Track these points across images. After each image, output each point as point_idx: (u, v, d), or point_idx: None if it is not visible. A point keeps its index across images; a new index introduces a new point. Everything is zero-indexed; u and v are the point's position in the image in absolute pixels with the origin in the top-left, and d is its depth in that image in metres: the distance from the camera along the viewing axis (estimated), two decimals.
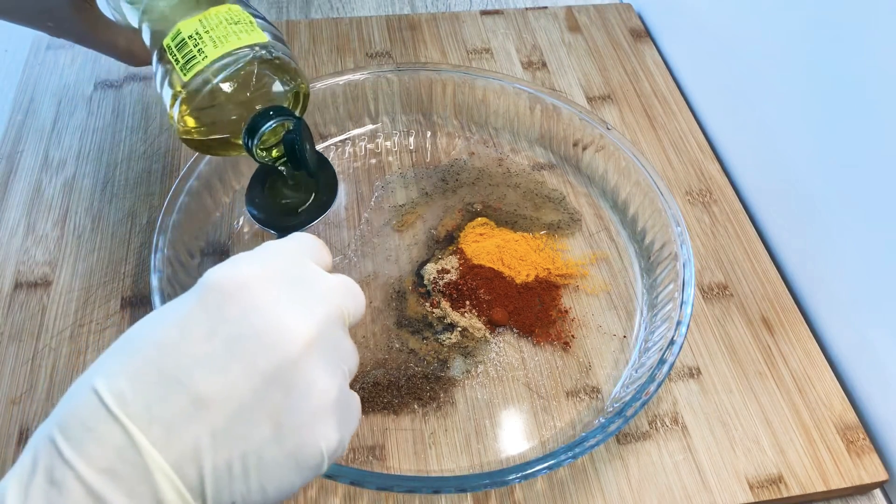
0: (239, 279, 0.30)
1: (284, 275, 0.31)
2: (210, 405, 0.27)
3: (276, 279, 0.31)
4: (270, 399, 0.28)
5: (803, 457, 0.47)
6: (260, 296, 0.29)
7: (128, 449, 0.25)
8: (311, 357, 0.29)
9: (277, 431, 0.28)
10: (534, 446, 0.46)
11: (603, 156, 0.59)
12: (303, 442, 0.29)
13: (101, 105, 0.64)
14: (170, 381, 0.27)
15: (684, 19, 0.71)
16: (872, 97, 0.47)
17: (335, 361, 0.31)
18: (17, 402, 0.47)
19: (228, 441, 0.27)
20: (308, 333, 0.29)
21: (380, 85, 0.62)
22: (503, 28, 0.74)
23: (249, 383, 0.28)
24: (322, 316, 0.31)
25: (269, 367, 0.28)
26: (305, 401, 0.29)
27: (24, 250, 0.54)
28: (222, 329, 0.28)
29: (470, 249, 0.55)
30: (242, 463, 0.27)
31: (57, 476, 0.25)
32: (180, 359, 0.27)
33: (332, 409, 0.30)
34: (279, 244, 0.34)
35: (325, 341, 0.30)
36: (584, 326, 0.52)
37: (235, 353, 0.28)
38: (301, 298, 0.31)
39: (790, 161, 0.56)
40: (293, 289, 0.31)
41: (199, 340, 0.28)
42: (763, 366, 0.51)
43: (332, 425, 0.30)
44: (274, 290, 0.30)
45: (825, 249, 0.53)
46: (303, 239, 0.35)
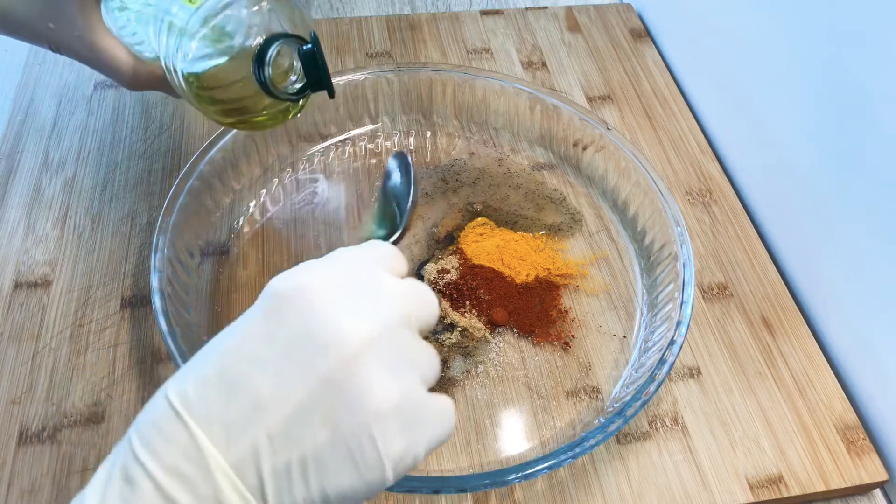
0: (300, 284, 0.30)
1: (348, 279, 0.31)
2: (267, 407, 0.27)
3: (338, 283, 0.30)
4: (326, 401, 0.28)
5: (803, 457, 0.47)
6: (319, 299, 0.29)
7: (191, 448, 0.26)
8: (368, 359, 0.29)
9: (333, 434, 0.28)
10: (534, 446, 0.46)
11: (603, 156, 0.59)
12: (359, 446, 0.28)
13: (101, 105, 0.64)
14: (230, 384, 0.28)
15: (684, 19, 0.71)
16: (872, 97, 0.47)
17: (399, 365, 0.30)
18: (17, 402, 0.47)
19: (286, 443, 0.27)
20: (365, 336, 0.29)
21: (380, 85, 0.62)
22: (503, 28, 0.74)
23: (304, 385, 0.28)
24: (382, 318, 0.30)
25: (324, 369, 0.28)
26: (361, 403, 0.28)
27: (24, 250, 0.54)
28: (280, 333, 0.29)
29: (470, 249, 0.55)
30: (301, 465, 0.27)
31: (130, 473, 0.26)
32: (240, 362, 0.28)
33: (393, 413, 0.29)
34: (350, 251, 0.34)
35: (386, 343, 0.30)
36: (584, 326, 0.52)
37: (291, 355, 0.28)
38: (362, 301, 0.30)
39: (790, 161, 0.56)
40: (356, 293, 0.31)
41: (258, 345, 0.29)
42: (763, 366, 0.51)
43: (393, 430, 0.29)
44: (334, 293, 0.30)
45: (825, 249, 0.53)
46: (376, 246, 0.35)
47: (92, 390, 0.47)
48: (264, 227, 0.56)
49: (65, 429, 0.46)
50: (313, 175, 0.60)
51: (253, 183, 0.59)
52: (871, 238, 0.49)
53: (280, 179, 0.59)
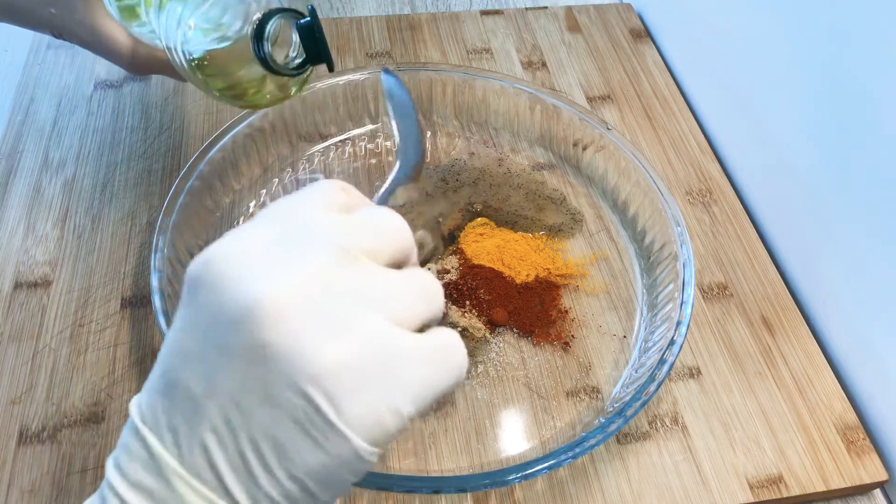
0: (209, 258, 0.26)
1: (268, 234, 0.27)
2: (203, 402, 0.25)
3: (253, 243, 0.26)
4: (255, 380, 0.25)
5: (803, 457, 0.47)
6: (227, 269, 0.25)
7: (150, 460, 0.25)
8: (288, 317, 0.24)
9: (274, 411, 0.25)
10: (534, 446, 0.46)
11: (603, 156, 0.59)
12: (306, 416, 0.25)
13: (101, 105, 0.64)
14: (169, 387, 0.26)
15: (684, 19, 0.71)
16: (872, 97, 0.47)
17: (344, 310, 0.25)
18: (17, 402, 0.47)
19: (231, 434, 0.25)
20: (280, 291, 0.25)
21: (380, 85, 0.62)
22: (503, 28, 0.74)
23: (230, 369, 0.25)
24: (306, 263, 0.26)
25: (240, 345, 0.25)
26: (290, 369, 0.24)
27: (24, 250, 0.54)
28: (198, 319, 0.26)
29: (470, 249, 0.55)
30: (256, 453, 0.25)
31: (104, 495, 0.26)
32: (173, 361, 0.26)
33: (337, 369, 0.25)
34: (279, 201, 0.29)
35: (315, 291, 0.25)
36: (584, 326, 0.52)
37: (210, 340, 0.25)
38: (282, 253, 0.26)
39: (790, 161, 0.56)
40: (274, 246, 0.26)
41: (183, 338, 0.26)
42: (763, 366, 0.51)
43: (342, 389, 0.25)
44: (245, 256, 0.26)
45: (825, 249, 0.53)
46: (312, 187, 0.30)
47: (92, 390, 0.47)
48: None
49: (65, 429, 0.46)
50: (313, 175, 0.60)
51: (253, 183, 0.59)
52: (871, 238, 0.49)
53: (280, 179, 0.59)
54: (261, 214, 0.28)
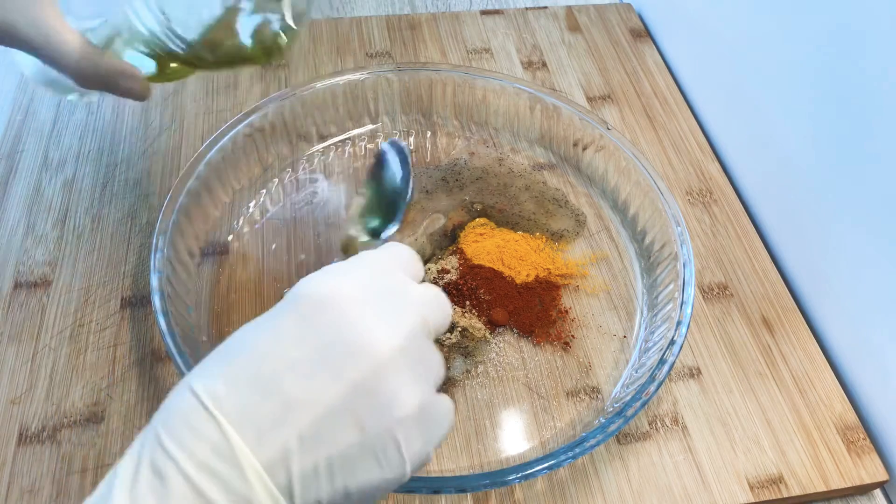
0: (331, 290, 0.31)
1: (374, 285, 0.32)
2: (299, 409, 0.28)
3: (365, 289, 0.32)
4: (355, 405, 0.29)
5: (803, 457, 0.47)
6: (349, 306, 0.30)
7: (223, 447, 0.27)
8: (396, 366, 0.30)
9: (362, 436, 0.29)
10: (534, 446, 0.46)
11: (603, 156, 0.59)
12: (385, 447, 0.29)
13: (101, 105, 0.64)
14: (262, 385, 0.28)
15: (684, 19, 0.71)
16: (872, 97, 0.47)
17: (420, 371, 0.31)
18: (17, 402, 0.47)
19: (315, 444, 0.28)
20: (394, 344, 0.30)
21: (380, 85, 0.62)
22: (503, 28, 0.74)
23: (336, 389, 0.29)
24: (408, 327, 0.31)
25: (356, 374, 0.29)
26: (389, 408, 0.30)
27: (24, 250, 0.54)
28: (312, 338, 0.30)
29: (470, 249, 0.55)
30: (328, 466, 0.28)
31: (160, 466, 0.26)
32: (272, 364, 0.29)
33: (415, 416, 0.30)
34: (374, 254, 0.35)
35: (410, 351, 0.31)
36: (584, 326, 0.52)
37: (324, 360, 0.29)
38: (389, 309, 0.31)
39: (790, 161, 0.56)
40: (382, 299, 0.32)
41: (290, 347, 0.29)
42: (763, 366, 0.51)
43: (414, 432, 0.30)
44: (362, 300, 0.31)
45: (825, 249, 0.53)
46: (396, 249, 0.36)
47: (92, 390, 0.47)
48: (264, 227, 0.56)
49: (65, 429, 0.46)
50: (313, 175, 0.60)
51: (253, 183, 0.59)
52: (871, 238, 0.49)
53: (280, 179, 0.59)
54: (360, 260, 0.34)
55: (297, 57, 0.69)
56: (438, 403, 0.33)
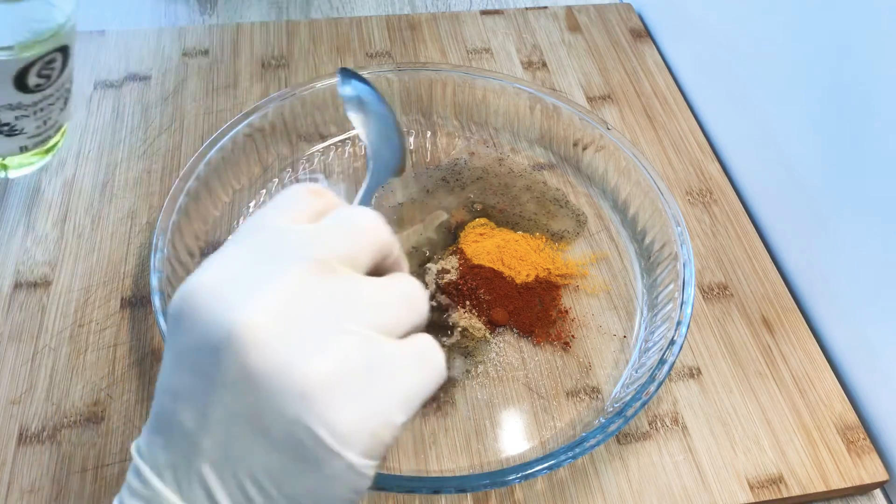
0: (184, 291, 0.26)
1: (239, 252, 0.27)
2: (198, 438, 0.25)
3: (224, 265, 0.27)
4: (243, 408, 0.25)
5: (803, 457, 0.47)
6: (201, 294, 0.26)
7: (151, 497, 0.26)
8: (265, 337, 0.24)
9: (266, 438, 0.25)
10: (534, 446, 0.46)
11: (603, 156, 0.59)
12: (297, 439, 0.24)
13: (101, 105, 0.64)
14: (164, 426, 0.26)
15: (684, 19, 0.71)
16: (872, 96, 0.47)
17: (323, 322, 0.25)
18: (17, 402, 0.47)
19: (229, 466, 0.25)
20: (253, 310, 0.24)
21: (380, 85, 0.62)
22: (503, 28, 0.74)
23: (217, 401, 0.25)
24: (278, 277, 0.25)
25: (225, 375, 0.24)
26: (276, 391, 0.24)
27: (23, 250, 0.54)
28: (183, 355, 0.26)
29: (470, 249, 0.55)
30: (254, 482, 0.25)
31: None
32: (165, 400, 0.26)
33: (325, 384, 0.24)
34: (252, 216, 0.29)
35: (291, 306, 0.25)
36: (584, 326, 0.52)
37: (196, 373, 0.25)
38: (251, 269, 0.26)
39: (790, 161, 0.56)
40: (246, 264, 0.26)
41: (171, 375, 0.26)
42: (763, 366, 0.51)
43: (331, 404, 0.24)
44: (216, 278, 0.26)
45: (825, 249, 0.53)
46: (282, 196, 0.29)
47: (92, 390, 0.47)
48: None
49: (65, 429, 0.46)
50: (313, 175, 0.60)
51: (253, 183, 0.59)
52: (871, 238, 0.49)
53: (280, 179, 0.59)
54: (233, 235, 0.28)
55: (297, 57, 0.69)
56: (394, 350, 0.26)
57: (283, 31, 0.71)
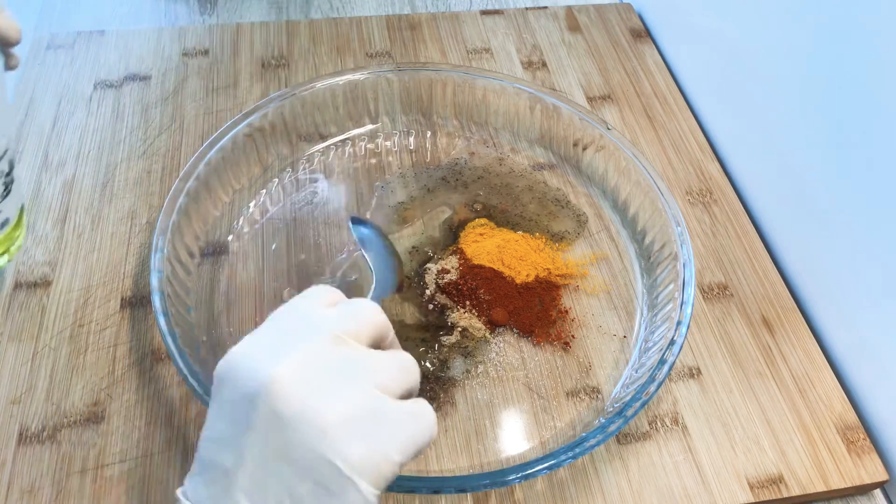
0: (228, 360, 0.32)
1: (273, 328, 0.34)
2: (235, 474, 0.30)
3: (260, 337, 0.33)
4: (274, 445, 0.30)
5: (803, 457, 0.47)
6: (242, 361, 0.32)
7: None
8: (293, 388, 0.30)
9: (294, 468, 0.30)
10: (534, 446, 0.46)
11: (603, 156, 0.59)
12: (319, 469, 0.30)
13: (101, 105, 0.64)
14: (206, 468, 0.31)
15: (684, 19, 0.71)
16: (872, 97, 0.47)
17: (338, 379, 0.31)
18: (17, 402, 0.47)
19: (261, 495, 0.30)
20: (285, 366, 0.30)
21: (380, 85, 0.62)
22: (503, 28, 0.74)
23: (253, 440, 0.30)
24: (305, 343, 0.32)
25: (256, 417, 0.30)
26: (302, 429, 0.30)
27: (23, 250, 0.54)
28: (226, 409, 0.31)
29: (470, 249, 0.55)
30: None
31: None
32: (206, 446, 0.32)
33: (342, 424, 0.30)
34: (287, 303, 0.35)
35: (312, 365, 0.31)
36: (584, 326, 0.52)
37: (236, 422, 0.31)
38: (284, 338, 0.32)
39: (790, 161, 0.56)
40: (278, 334, 0.33)
41: (215, 427, 0.32)
42: (763, 366, 0.51)
43: (346, 440, 0.30)
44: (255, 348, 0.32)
45: (825, 249, 0.53)
46: (311, 289, 0.36)
47: (92, 390, 0.47)
48: (264, 227, 0.56)
49: (65, 429, 0.46)
50: (313, 175, 0.60)
51: (253, 183, 0.59)
52: (871, 238, 0.49)
53: (280, 179, 0.59)
54: (271, 317, 0.34)
55: (297, 57, 0.69)
56: (396, 406, 0.32)
57: (283, 31, 0.71)
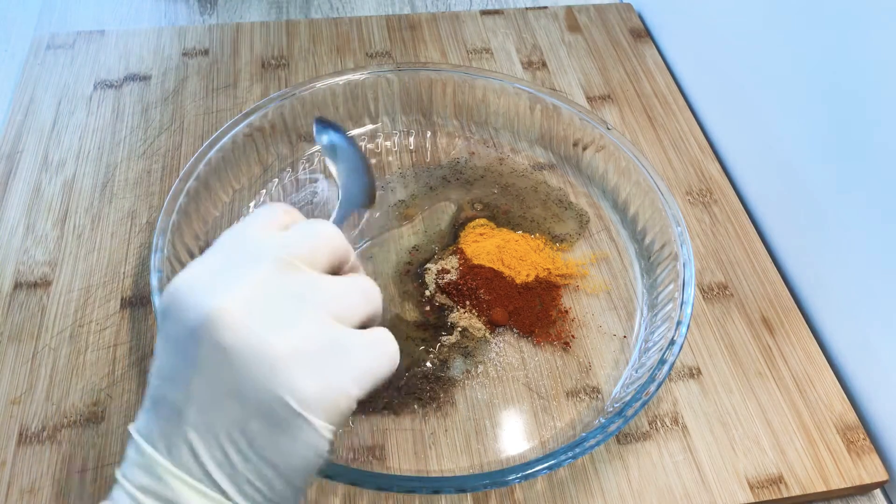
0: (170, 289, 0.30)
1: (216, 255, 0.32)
2: (184, 409, 0.29)
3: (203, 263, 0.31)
4: (221, 379, 0.29)
5: (803, 457, 0.47)
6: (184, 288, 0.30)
7: (148, 465, 0.29)
8: (235, 319, 0.28)
9: (242, 403, 0.29)
10: (534, 446, 0.46)
11: (603, 156, 0.59)
12: (267, 403, 0.28)
13: (101, 105, 0.64)
14: (156, 404, 0.30)
15: (684, 19, 0.71)
16: (872, 97, 0.47)
17: (288, 309, 0.29)
18: (17, 402, 0.47)
19: (210, 431, 0.29)
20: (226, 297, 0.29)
21: (380, 85, 0.62)
22: (503, 28, 0.74)
23: (200, 376, 0.29)
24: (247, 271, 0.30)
25: (201, 351, 0.28)
26: (247, 363, 0.28)
27: (23, 250, 0.54)
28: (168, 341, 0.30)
29: (470, 249, 0.55)
30: (232, 443, 0.29)
31: (115, 497, 0.30)
32: (154, 382, 0.31)
33: (291, 357, 0.28)
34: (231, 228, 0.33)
35: (258, 295, 0.29)
36: (584, 326, 0.52)
37: (180, 354, 0.29)
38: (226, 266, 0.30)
39: (790, 161, 0.56)
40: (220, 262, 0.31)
41: (162, 360, 0.31)
42: (763, 366, 0.51)
43: (296, 374, 0.28)
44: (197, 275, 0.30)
45: (825, 249, 0.53)
46: (256, 211, 0.34)
47: (92, 390, 0.47)
48: None
49: (65, 429, 0.46)
50: (313, 175, 0.60)
51: (253, 183, 0.59)
52: (871, 238, 0.49)
53: (280, 179, 0.59)
54: (214, 242, 0.32)
55: (297, 57, 0.69)
56: (352, 337, 0.30)
57: (283, 31, 0.71)
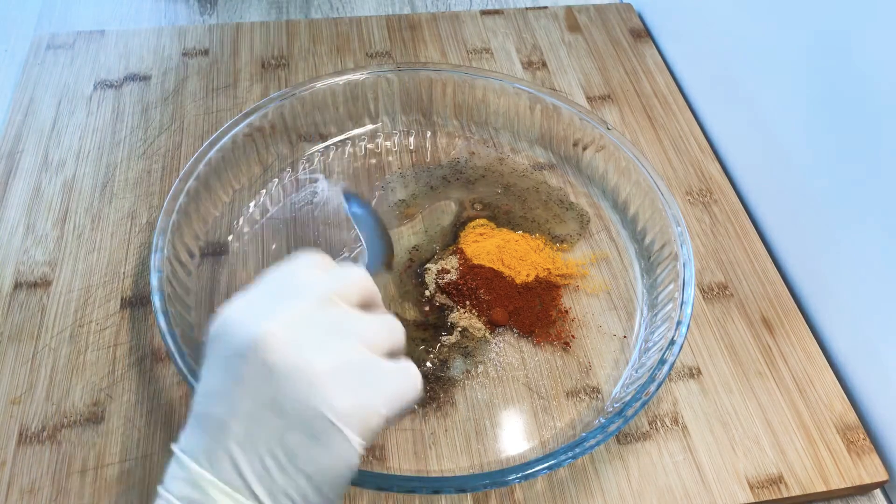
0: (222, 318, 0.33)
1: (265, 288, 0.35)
2: (228, 424, 0.31)
3: (253, 296, 0.34)
4: (266, 396, 0.31)
5: (803, 457, 0.47)
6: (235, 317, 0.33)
7: (190, 477, 0.31)
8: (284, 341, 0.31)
9: (284, 419, 0.31)
10: (534, 446, 0.46)
11: (603, 156, 0.59)
12: (309, 418, 0.31)
13: (101, 105, 0.64)
14: (200, 421, 0.33)
15: (684, 19, 0.71)
16: (872, 97, 0.47)
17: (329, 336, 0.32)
18: (17, 402, 0.47)
19: (252, 444, 0.31)
20: (276, 323, 0.32)
21: (380, 85, 0.62)
22: (503, 28, 0.74)
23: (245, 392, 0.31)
24: (296, 302, 0.33)
25: (252, 371, 0.31)
26: (291, 380, 0.31)
27: (23, 250, 0.54)
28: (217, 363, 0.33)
29: (470, 249, 0.55)
30: (272, 457, 0.31)
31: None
32: (200, 400, 0.33)
33: (330, 375, 0.31)
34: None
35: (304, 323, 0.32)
36: (584, 326, 0.52)
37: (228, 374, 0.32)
38: (276, 298, 0.34)
39: (790, 161, 0.56)
40: (270, 294, 0.34)
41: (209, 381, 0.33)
42: (763, 366, 0.51)
43: (335, 392, 0.31)
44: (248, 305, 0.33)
45: (825, 249, 0.53)
46: (301, 255, 0.37)
47: (92, 390, 0.47)
48: (264, 227, 0.56)
49: (65, 429, 0.46)
50: (313, 175, 0.60)
51: (253, 183, 0.59)
52: (871, 238, 0.49)
53: (280, 179, 0.59)
54: (259, 279, 0.35)
55: (297, 57, 0.69)
56: (382, 365, 0.33)
57: (283, 31, 0.71)
